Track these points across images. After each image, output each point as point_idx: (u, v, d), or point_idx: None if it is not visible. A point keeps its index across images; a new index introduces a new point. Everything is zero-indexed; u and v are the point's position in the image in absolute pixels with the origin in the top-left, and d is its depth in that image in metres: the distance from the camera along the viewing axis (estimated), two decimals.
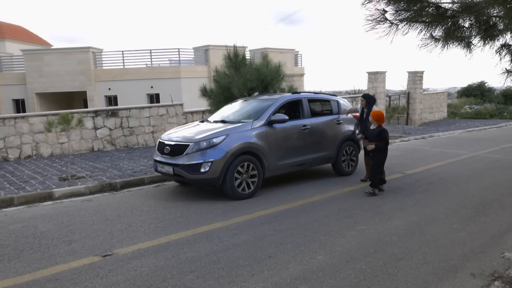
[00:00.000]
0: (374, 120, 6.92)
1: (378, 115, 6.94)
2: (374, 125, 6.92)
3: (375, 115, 6.95)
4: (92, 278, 3.85)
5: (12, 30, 27.37)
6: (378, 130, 6.83)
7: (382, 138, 6.75)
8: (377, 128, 6.86)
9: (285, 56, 23.08)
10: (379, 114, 6.95)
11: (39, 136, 10.94)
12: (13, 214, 6.07)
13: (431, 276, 3.81)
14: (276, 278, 3.81)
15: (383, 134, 6.79)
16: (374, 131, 6.86)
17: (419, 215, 5.64)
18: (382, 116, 6.95)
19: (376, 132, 6.81)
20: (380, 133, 6.79)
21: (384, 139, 6.77)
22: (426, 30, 5.27)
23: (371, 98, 7.90)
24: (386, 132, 6.83)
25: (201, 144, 6.51)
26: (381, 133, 6.79)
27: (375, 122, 6.92)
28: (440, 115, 24.68)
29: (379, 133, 6.78)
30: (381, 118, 6.92)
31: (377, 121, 6.89)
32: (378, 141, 6.75)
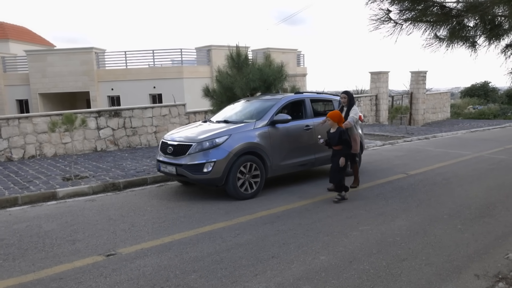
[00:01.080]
0: (334, 122, 6.40)
1: (336, 115, 6.43)
2: (334, 128, 6.44)
3: (333, 115, 6.41)
4: (95, 278, 3.87)
5: (15, 31, 27.48)
6: (339, 132, 6.35)
7: (343, 140, 6.33)
8: (337, 130, 6.38)
9: (287, 56, 23.08)
10: (337, 114, 6.45)
11: (43, 136, 10.97)
12: (17, 214, 6.09)
13: (434, 277, 3.80)
14: (279, 278, 3.81)
15: (343, 136, 6.34)
16: (335, 134, 6.38)
17: (423, 215, 5.63)
18: (340, 117, 6.47)
19: (337, 135, 6.34)
20: (340, 135, 6.33)
21: (345, 141, 6.35)
22: (430, 29, 5.25)
23: (353, 95, 7.46)
24: (346, 133, 6.41)
25: (204, 144, 6.52)
26: (341, 135, 6.33)
27: (334, 124, 6.42)
28: (443, 115, 24.63)
29: (340, 136, 6.33)
30: (340, 119, 6.45)
31: (337, 122, 6.41)
32: (340, 144, 6.36)
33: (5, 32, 26.27)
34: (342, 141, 6.34)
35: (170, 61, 22.00)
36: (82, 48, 21.33)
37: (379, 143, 13.01)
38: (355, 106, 7.29)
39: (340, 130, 6.35)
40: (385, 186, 7.34)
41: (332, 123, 6.44)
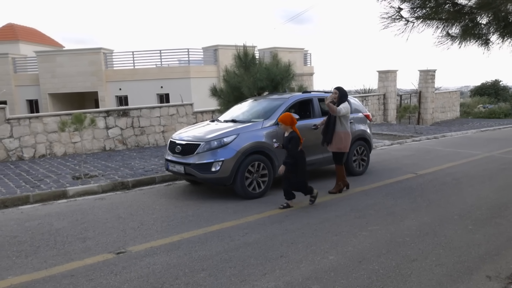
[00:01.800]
0: (286, 125, 5.94)
1: (287, 118, 5.94)
2: (288, 131, 6.00)
3: (284, 119, 5.95)
4: (106, 275, 3.90)
5: (25, 32, 27.72)
6: (289, 137, 5.93)
7: (289, 147, 5.88)
8: (289, 134, 5.95)
9: (294, 55, 23.05)
10: (288, 117, 5.95)
11: (53, 136, 11.07)
12: (29, 212, 6.16)
13: (445, 278, 3.78)
14: (288, 277, 3.81)
15: (291, 141, 5.87)
16: (287, 138, 5.99)
17: (432, 216, 5.60)
18: (292, 119, 5.95)
19: (287, 140, 5.96)
20: (290, 141, 5.90)
21: (291, 148, 5.87)
22: (442, 27, 5.20)
23: (345, 92, 7.01)
24: (294, 139, 5.87)
25: (212, 143, 6.54)
26: (290, 141, 5.89)
27: (287, 127, 5.95)
28: (452, 115, 24.46)
29: (289, 141, 5.90)
30: (292, 122, 5.94)
31: (290, 125, 5.94)
32: (286, 149, 6.00)
33: (15, 33, 26.51)
34: (288, 147, 5.93)
35: (177, 61, 22.08)
36: (91, 49, 21.49)
37: (388, 143, 12.95)
38: (346, 104, 6.84)
39: (291, 136, 5.91)
40: (394, 186, 7.31)
41: (285, 127, 5.98)
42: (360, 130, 8.36)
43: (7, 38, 26.05)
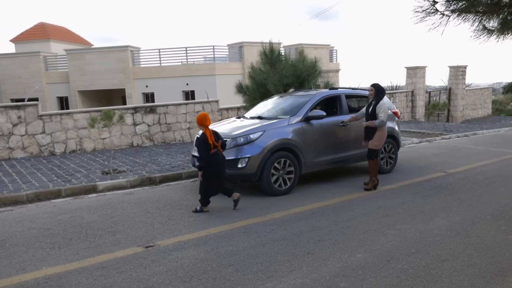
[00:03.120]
0: (199, 125, 5.73)
1: (199, 118, 5.70)
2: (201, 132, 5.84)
3: (197, 119, 5.76)
4: (136, 268, 3.98)
5: (56, 31, 28.45)
6: (198, 138, 5.78)
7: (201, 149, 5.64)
8: (201, 135, 5.75)
9: (320, 51, 22.85)
10: (200, 117, 5.69)
11: (83, 132, 11.35)
12: (61, 205, 6.34)
13: (477, 279, 3.68)
14: (315, 274, 3.80)
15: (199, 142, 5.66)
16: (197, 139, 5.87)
17: (463, 215, 5.46)
18: (204, 119, 5.68)
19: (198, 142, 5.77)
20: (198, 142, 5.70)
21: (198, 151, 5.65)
22: (479, 21, 5.05)
23: (382, 88, 6.93)
24: (199, 141, 5.66)
25: (238, 140, 6.56)
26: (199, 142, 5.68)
27: (201, 127, 5.75)
28: (483, 112, 23.78)
29: (198, 142, 5.73)
30: (202, 122, 5.68)
31: (202, 126, 5.70)
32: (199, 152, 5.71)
33: (46, 32, 27.26)
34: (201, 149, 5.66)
35: (203, 58, 22.24)
36: (118, 47, 21.87)
37: (416, 140, 12.71)
38: (384, 100, 6.79)
39: (198, 138, 5.74)
40: (423, 185, 7.16)
41: (199, 127, 5.79)
42: (388, 127, 8.20)
43: (38, 37, 26.81)
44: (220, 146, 5.83)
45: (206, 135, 5.66)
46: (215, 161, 5.70)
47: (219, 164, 5.76)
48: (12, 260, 4.25)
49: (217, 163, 5.73)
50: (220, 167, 5.79)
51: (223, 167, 5.86)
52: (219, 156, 5.79)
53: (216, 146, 5.72)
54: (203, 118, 5.69)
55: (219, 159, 5.77)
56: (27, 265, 4.11)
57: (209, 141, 5.64)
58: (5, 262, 4.20)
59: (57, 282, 3.71)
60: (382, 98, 6.87)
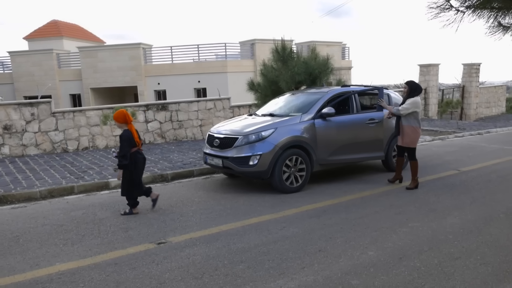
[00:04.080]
0: (120, 123, 5.53)
1: (119, 115, 5.50)
2: (121, 129, 5.61)
3: (116, 117, 5.54)
4: (148, 264, 4.01)
5: (69, 29, 28.76)
6: (120, 135, 5.53)
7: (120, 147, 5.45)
8: (124, 132, 5.51)
9: (332, 49, 22.74)
10: (120, 115, 5.50)
11: (95, 129, 11.46)
12: (74, 202, 6.41)
13: (491, 277, 3.65)
14: (327, 271, 3.79)
15: (120, 139, 5.44)
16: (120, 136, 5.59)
17: (477, 214, 5.40)
18: (125, 117, 5.50)
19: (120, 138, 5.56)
20: (120, 138, 5.48)
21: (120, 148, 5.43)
22: (494, 17, 4.97)
23: (416, 86, 6.80)
24: (124, 138, 5.42)
25: (250, 137, 6.57)
26: (120, 138, 5.48)
27: (122, 125, 5.54)
28: (497, 110, 23.45)
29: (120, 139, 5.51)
30: (125, 119, 5.49)
31: (123, 123, 5.51)
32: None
33: (59, 30, 27.56)
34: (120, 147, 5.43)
35: (214, 56, 22.30)
36: (130, 44, 22.04)
37: (428, 138, 12.58)
38: (416, 98, 6.68)
39: (120, 134, 5.52)
40: (436, 183, 7.10)
41: (120, 125, 5.58)
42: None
43: (51, 35, 27.14)
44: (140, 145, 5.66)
45: (131, 132, 5.51)
46: (137, 159, 5.56)
47: (141, 163, 5.63)
48: (26, 256, 4.31)
49: (139, 162, 5.58)
50: (141, 166, 5.66)
51: (143, 167, 5.72)
52: (141, 155, 5.67)
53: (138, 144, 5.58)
54: (125, 115, 5.51)
55: (141, 157, 5.66)
56: (41, 261, 4.17)
57: (134, 138, 5.50)
58: (19, 258, 4.27)
59: (70, 278, 3.76)
60: (415, 96, 6.74)
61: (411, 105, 6.66)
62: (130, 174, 5.54)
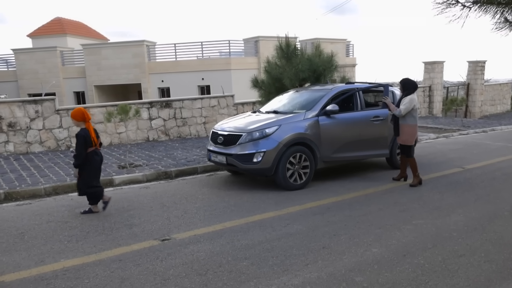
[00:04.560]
0: (78, 121, 5.41)
1: (77, 113, 5.38)
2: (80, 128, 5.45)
3: (74, 114, 5.40)
4: (152, 260, 4.03)
5: (72, 26, 28.78)
6: (76, 134, 5.41)
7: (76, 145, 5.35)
8: (80, 131, 5.39)
9: (336, 46, 22.66)
10: (78, 113, 5.38)
11: (99, 126, 11.48)
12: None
13: (495, 275, 3.64)
14: (331, 268, 3.79)
15: (76, 139, 5.34)
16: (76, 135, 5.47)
17: (481, 211, 5.39)
18: (83, 115, 5.38)
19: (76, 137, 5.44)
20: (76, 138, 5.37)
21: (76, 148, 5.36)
22: (501, 13, 4.94)
23: (409, 83, 6.84)
24: (78, 137, 5.31)
25: (254, 134, 6.57)
26: (76, 137, 5.37)
27: (79, 123, 5.42)
28: (502, 108, 23.33)
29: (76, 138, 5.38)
30: (83, 117, 5.38)
31: (81, 121, 5.39)
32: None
33: (63, 27, 27.59)
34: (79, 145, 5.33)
35: (218, 53, 22.27)
36: (134, 41, 22.02)
37: (433, 136, 12.54)
38: (410, 97, 6.71)
39: (77, 133, 5.40)
40: (440, 180, 7.08)
41: (77, 123, 5.45)
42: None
43: (55, 32, 27.17)
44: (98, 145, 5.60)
45: (88, 130, 5.41)
46: (94, 160, 5.48)
47: (97, 163, 5.54)
48: (31, 252, 4.34)
49: (95, 162, 5.50)
50: (97, 167, 5.56)
51: (99, 167, 5.62)
52: (98, 155, 5.57)
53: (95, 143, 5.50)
54: (83, 113, 5.40)
55: (98, 158, 5.57)
56: (46, 257, 4.20)
57: (91, 137, 5.41)
58: (24, 254, 4.29)
59: (75, 274, 3.78)
60: (411, 93, 6.78)
61: (409, 104, 6.70)
62: (86, 174, 5.48)
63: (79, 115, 5.39)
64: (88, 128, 5.43)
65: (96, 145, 5.53)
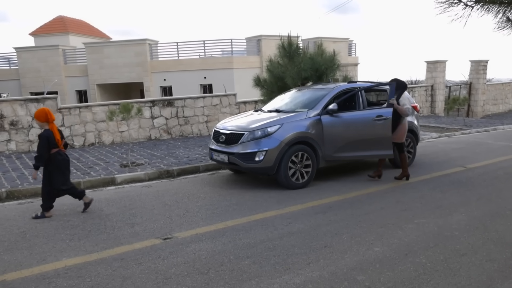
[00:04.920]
0: (41, 122, 5.27)
1: (41, 113, 5.25)
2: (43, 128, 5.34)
3: (37, 114, 5.26)
4: (154, 259, 4.03)
5: (75, 24, 28.82)
6: (39, 134, 5.29)
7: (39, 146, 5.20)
8: (43, 132, 5.27)
9: (338, 45, 22.62)
10: (41, 113, 5.25)
11: (101, 125, 11.50)
12: None
13: (496, 274, 3.63)
14: (332, 267, 3.79)
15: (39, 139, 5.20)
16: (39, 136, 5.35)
17: (483, 210, 5.38)
18: (46, 115, 5.26)
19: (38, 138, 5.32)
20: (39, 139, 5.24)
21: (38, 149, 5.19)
22: (503, 12, 4.92)
23: (401, 83, 7.07)
24: (42, 137, 5.21)
25: (256, 133, 6.57)
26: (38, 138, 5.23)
27: (43, 124, 5.29)
28: (505, 107, 23.28)
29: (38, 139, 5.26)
30: (47, 118, 5.26)
31: (45, 122, 5.27)
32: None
33: (65, 25, 27.63)
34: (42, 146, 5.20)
35: (221, 52, 22.27)
36: (136, 40, 22.03)
37: (435, 135, 12.52)
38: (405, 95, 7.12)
39: (40, 134, 5.28)
40: (442, 179, 7.07)
41: (41, 124, 5.31)
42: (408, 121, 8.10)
43: (57, 30, 27.21)
44: (63, 146, 5.49)
45: (52, 131, 5.28)
46: (57, 161, 5.34)
47: (61, 165, 5.39)
48: (32, 251, 4.35)
49: (59, 164, 5.36)
50: (63, 168, 5.43)
51: (66, 168, 5.48)
52: (62, 156, 5.42)
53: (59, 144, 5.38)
54: (46, 113, 5.27)
55: (62, 159, 5.41)
56: (48, 256, 4.21)
57: (55, 138, 5.29)
58: (26, 253, 4.30)
59: (77, 273, 3.79)
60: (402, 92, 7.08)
61: (408, 103, 7.07)
62: (49, 176, 5.37)
63: (42, 116, 5.26)
64: (52, 129, 5.30)
65: (60, 146, 5.39)
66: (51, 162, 5.32)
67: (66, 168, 5.50)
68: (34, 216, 5.45)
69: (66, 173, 5.52)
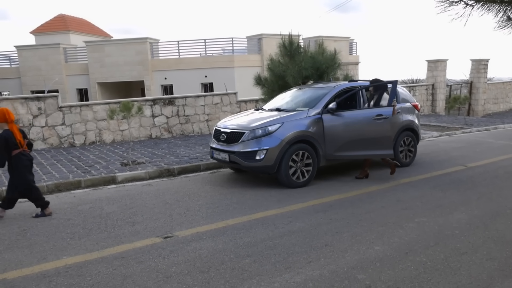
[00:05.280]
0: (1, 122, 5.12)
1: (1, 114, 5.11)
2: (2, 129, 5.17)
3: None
4: (155, 258, 4.04)
5: (76, 23, 28.83)
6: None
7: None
8: (2, 132, 5.11)
9: (339, 44, 22.61)
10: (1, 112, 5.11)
11: (102, 123, 11.51)
12: (81, 196, 6.46)
13: (496, 272, 3.63)
14: (333, 266, 3.79)
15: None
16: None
17: (483, 209, 5.38)
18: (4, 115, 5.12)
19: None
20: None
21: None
22: (504, 11, 4.92)
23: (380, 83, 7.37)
24: (4, 137, 5.04)
25: (257, 132, 6.57)
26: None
27: (2, 124, 5.14)
28: (505, 106, 23.26)
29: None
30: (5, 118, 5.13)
31: (4, 122, 5.13)
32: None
33: (66, 24, 27.64)
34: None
35: (221, 50, 22.27)
36: (137, 39, 22.04)
37: (436, 134, 12.52)
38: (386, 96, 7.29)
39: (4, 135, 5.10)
40: (443, 178, 7.06)
41: (0, 125, 5.17)
42: (408, 120, 8.12)
43: (58, 29, 27.23)
44: (26, 146, 5.36)
45: (12, 132, 5.14)
46: (21, 163, 5.22)
47: (24, 166, 5.27)
48: (33, 249, 4.35)
49: (23, 165, 5.25)
50: (24, 171, 5.28)
51: (28, 171, 5.35)
52: (26, 157, 5.29)
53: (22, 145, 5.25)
54: (5, 113, 5.11)
55: (26, 160, 5.28)
56: (48, 254, 4.21)
57: (16, 139, 5.15)
58: (26, 251, 4.31)
59: (77, 272, 3.79)
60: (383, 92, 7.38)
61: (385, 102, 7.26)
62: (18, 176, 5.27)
63: (0, 116, 5.11)
64: (11, 129, 5.15)
65: (22, 147, 5.26)
66: (12, 164, 5.18)
67: (30, 171, 5.37)
68: (34, 216, 5.45)
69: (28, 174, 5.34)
